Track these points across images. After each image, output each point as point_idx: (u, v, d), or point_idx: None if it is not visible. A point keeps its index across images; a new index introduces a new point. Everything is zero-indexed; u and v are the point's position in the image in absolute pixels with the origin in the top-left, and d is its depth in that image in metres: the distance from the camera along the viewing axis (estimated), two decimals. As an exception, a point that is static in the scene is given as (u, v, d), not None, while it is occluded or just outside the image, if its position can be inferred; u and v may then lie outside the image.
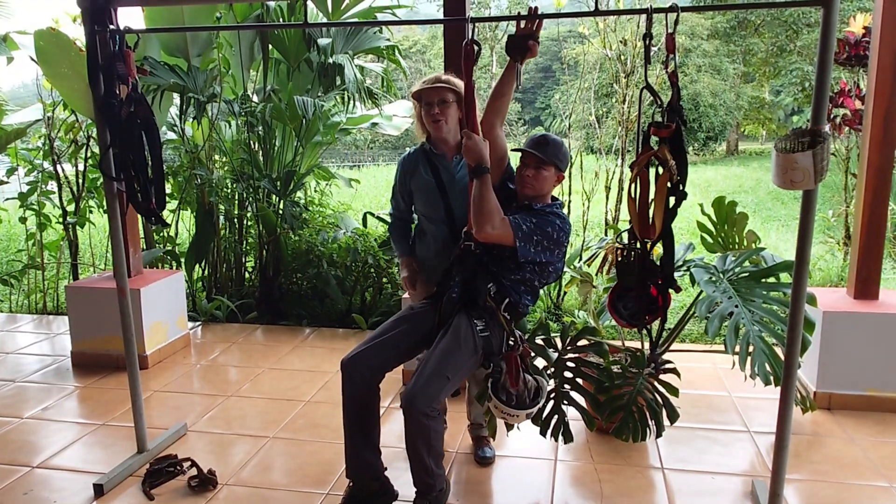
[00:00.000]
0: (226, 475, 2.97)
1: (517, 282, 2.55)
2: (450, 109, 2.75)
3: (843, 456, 3.06)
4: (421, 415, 2.31)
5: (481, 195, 2.37)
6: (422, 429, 2.35)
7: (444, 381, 2.36)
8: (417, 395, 2.31)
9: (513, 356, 2.44)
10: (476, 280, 2.54)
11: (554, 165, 2.55)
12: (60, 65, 4.52)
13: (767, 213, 11.31)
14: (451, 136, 2.81)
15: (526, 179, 2.55)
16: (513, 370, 2.43)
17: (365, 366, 2.51)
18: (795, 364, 2.35)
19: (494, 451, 3.09)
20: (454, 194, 2.79)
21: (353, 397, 2.54)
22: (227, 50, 5.15)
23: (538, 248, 2.47)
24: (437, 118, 2.73)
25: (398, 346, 2.57)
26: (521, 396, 2.46)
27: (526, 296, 2.59)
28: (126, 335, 3.01)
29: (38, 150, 5.67)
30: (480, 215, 2.38)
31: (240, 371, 4.24)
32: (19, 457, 3.18)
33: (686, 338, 4.65)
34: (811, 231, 2.26)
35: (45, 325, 5.30)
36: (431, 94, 2.74)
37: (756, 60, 22.25)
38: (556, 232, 2.51)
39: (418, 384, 2.34)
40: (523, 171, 2.57)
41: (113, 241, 2.95)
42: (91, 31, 2.68)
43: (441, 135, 2.78)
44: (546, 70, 30.13)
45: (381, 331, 2.61)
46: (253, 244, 5.62)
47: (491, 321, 2.51)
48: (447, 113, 2.74)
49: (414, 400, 2.31)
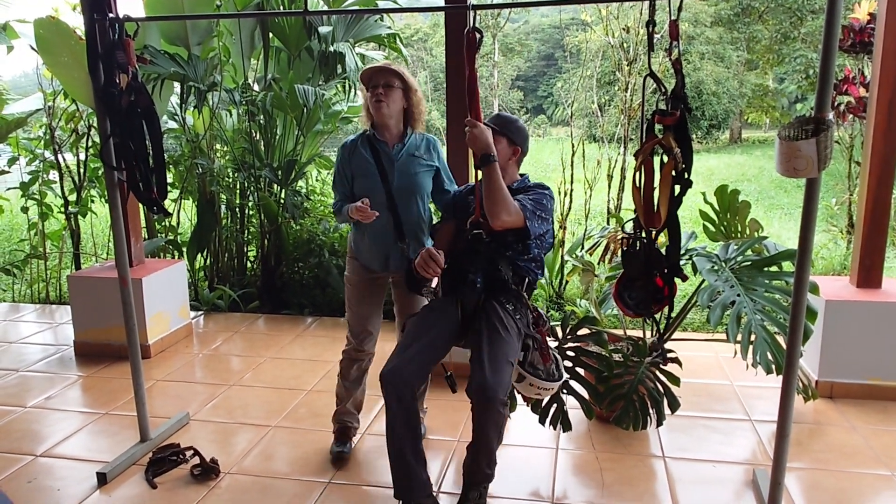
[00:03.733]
0: (228, 464, 2.98)
1: (529, 260, 2.62)
2: (394, 94, 2.75)
3: (845, 444, 3.06)
4: (500, 404, 2.32)
5: (494, 185, 2.38)
6: (498, 418, 2.36)
7: (509, 366, 2.41)
8: (493, 385, 2.30)
9: (543, 332, 2.55)
10: (497, 267, 2.57)
11: (507, 138, 2.60)
12: (60, 54, 4.50)
13: (771, 202, 11.28)
14: (394, 123, 2.82)
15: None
16: (544, 345, 2.52)
17: (411, 375, 2.41)
18: (797, 353, 2.34)
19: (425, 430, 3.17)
20: (395, 180, 2.80)
21: (400, 412, 2.41)
22: (227, 38, 5.12)
23: (540, 221, 2.55)
24: (380, 98, 2.72)
25: (435, 346, 2.53)
26: (549, 370, 2.54)
27: (538, 270, 2.68)
28: (128, 325, 3.01)
29: (39, 140, 5.66)
30: (496, 204, 2.39)
31: (242, 360, 4.25)
32: (23, 446, 3.19)
33: (688, 326, 4.65)
34: (814, 219, 2.24)
35: (48, 314, 5.31)
36: (378, 76, 2.74)
37: (760, 48, 22.09)
38: (549, 202, 2.61)
39: (490, 375, 2.32)
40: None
41: (114, 230, 2.95)
42: (90, 20, 2.67)
43: (383, 119, 2.77)
44: (548, 58, 30.00)
45: (412, 335, 2.52)
46: (254, 233, 5.61)
47: (517, 303, 2.58)
48: (390, 96, 2.74)
49: (493, 390, 2.31)
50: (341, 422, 3.07)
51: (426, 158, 2.86)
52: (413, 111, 2.85)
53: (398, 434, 2.43)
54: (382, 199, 2.79)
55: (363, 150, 2.84)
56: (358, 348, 2.98)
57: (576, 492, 2.75)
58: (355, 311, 2.97)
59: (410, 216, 2.84)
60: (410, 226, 2.84)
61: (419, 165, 2.85)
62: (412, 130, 2.89)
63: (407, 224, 2.82)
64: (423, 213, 2.89)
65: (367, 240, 2.87)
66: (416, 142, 2.88)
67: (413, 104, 2.83)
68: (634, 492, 2.73)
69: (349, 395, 3.05)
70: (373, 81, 2.76)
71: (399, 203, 2.80)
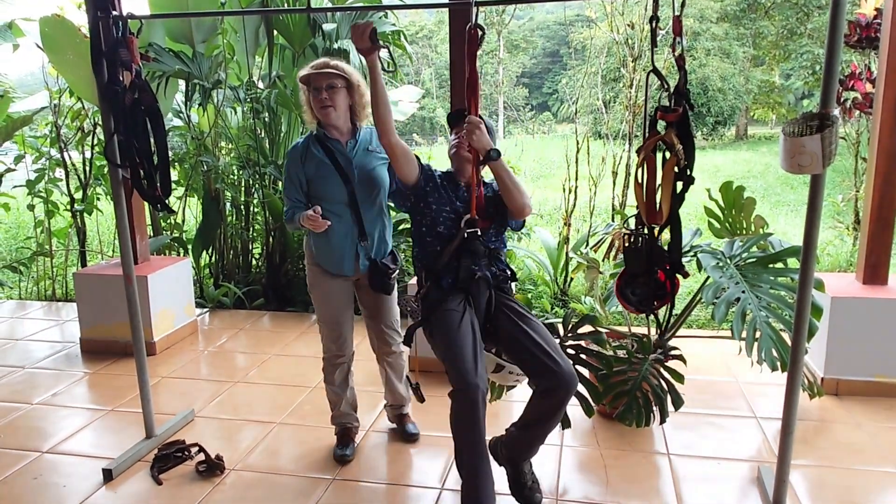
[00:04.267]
0: (233, 460, 2.99)
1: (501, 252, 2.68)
2: (338, 95, 2.70)
3: (851, 442, 3.05)
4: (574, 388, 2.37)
5: (511, 178, 2.45)
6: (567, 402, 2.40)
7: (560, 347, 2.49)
8: (570, 372, 2.34)
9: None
10: (494, 261, 2.60)
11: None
12: (66, 51, 4.52)
13: (777, 199, 11.24)
14: (342, 122, 2.77)
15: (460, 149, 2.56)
16: None
17: (483, 378, 2.30)
18: (802, 349, 2.33)
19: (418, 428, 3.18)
20: (355, 178, 2.76)
21: (480, 421, 2.27)
22: (231, 36, 5.12)
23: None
24: (326, 104, 2.68)
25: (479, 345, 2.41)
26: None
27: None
28: (133, 322, 3.02)
29: (45, 138, 5.68)
30: (522, 195, 2.47)
31: (247, 357, 4.26)
32: (29, 442, 3.21)
33: (693, 324, 4.64)
34: (819, 216, 2.23)
35: (55, 311, 5.34)
36: (320, 78, 2.68)
37: (766, 44, 21.97)
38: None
39: (563, 363, 2.34)
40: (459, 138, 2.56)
41: (119, 228, 2.96)
42: (94, 18, 2.67)
43: (330, 121, 2.73)
44: (553, 55, 29.93)
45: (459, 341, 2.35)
46: (259, 231, 5.62)
47: (511, 293, 2.64)
48: (336, 99, 2.69)
49: (572, 376, 2.33)
50: (341, 424, 3.06)
51: (379, 151, 2.80)
52: (357, 106, 2.79)
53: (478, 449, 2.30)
54: (344, 198, 2.74)
55: (315, 151, 2.76)
56: (337, 353, 2.95)
57: (580, 488, 2.75)
58: (326, 319, 2.91)
59: (372, 213, 2.80)
60: (372, 223, 2.81)
61: (375, 159, 2.81)
62: (360, 124, 2.84)
63: (368, 221, 2.79)
64: (384, 208, 2.86)
65: (329, 242, 2.80)
66: (366, 136, 2.84)
67: (357, 99, 2.77)
68: (639, 489, 2.73)
69: (341, 398, 3.03)
70: (314, 84, 2.70)
71: (361, 200, 2.76)
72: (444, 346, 2.38)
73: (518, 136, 24.56)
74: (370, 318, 2.99)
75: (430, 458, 3.00)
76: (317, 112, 2.73)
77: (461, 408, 2.27)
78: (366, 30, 2.30)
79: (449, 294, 2.50)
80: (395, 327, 3.01)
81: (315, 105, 2.72)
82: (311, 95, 2.72)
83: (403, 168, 2.50)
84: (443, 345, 2.39)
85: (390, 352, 3.03)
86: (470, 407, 2.24)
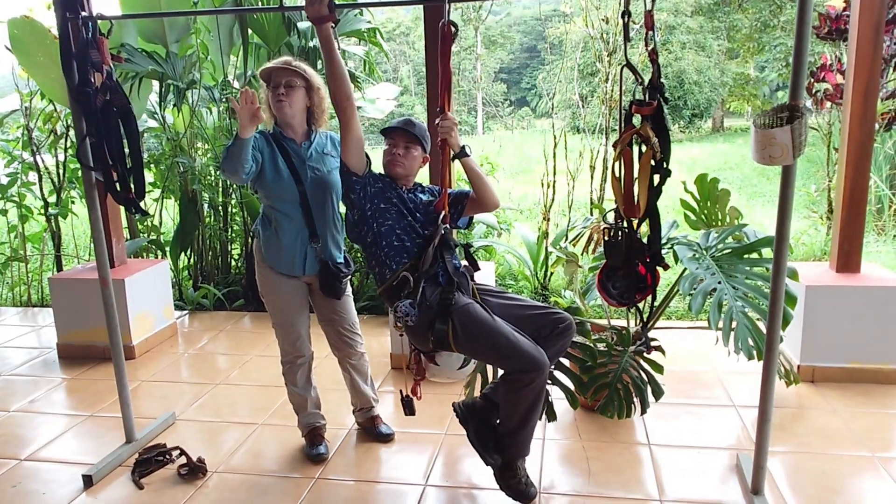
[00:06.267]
0: (216, 463, 2.97)
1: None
2: (296, 94, 2.69)
3: (827, 427, 3.11)
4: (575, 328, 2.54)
5: (480, 172, 2.55)
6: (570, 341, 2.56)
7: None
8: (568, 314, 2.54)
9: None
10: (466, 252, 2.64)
11: (421, 145, 2.60)
12: (36, 53, 4.45)
13: (753, 190, 11.36)
14: (297, 122, 2.77)
15: (396, 158, 2.57)
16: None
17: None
18: (777, 338, 2.37)
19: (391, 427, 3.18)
20: (307, 179, 2.75)
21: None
22: (205, 35, 5.07)
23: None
24: (281, 99, 2.67)
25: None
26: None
27: None
28: (110, 325, 2.99)
29: (16, 141, 5.60)
30: (489, 188, 2.59)
31: (228, 359, 4.24)
32: (7, 450, 3.17)
33: (672, 315, 4.69)
34: (790, 206, 2.27)
35: (31, 317, 5.26)
36: (280, 74, 2.68)
37: (740, 36, 22.21)
38: None
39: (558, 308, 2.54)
40: (393, 150, 2.57)
41: (93, 231, 2.93)
42: (63, 18, 2.64)
43: (285, 118, 2.73)
44: (531, 50, 30.02)
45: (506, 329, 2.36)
46: (238, 231, 5.58)
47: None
48: (292, 96, 2.69)
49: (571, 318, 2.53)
50: (309, 424, 3.04)
51: (334, 155, 2.81)
52: (315, 110, 2.78)
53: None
54: (295, 197, 2.73)
55: (271, 149, 2.74)
56: (296, 354, 2.94)
57: (563, 481, 2.77)
58: (281, 321, 2.89)
59: (324, 215, 2.79)
60: (324, 225, 2.80)
61: (330, 162, 2.81)
62: (316, 129, 2.84)
63: (320, 223, 2.78)
64: (336, 211, 2.85)
65: (279, 242, 2.78)
66: (322, 140, 2.84)
67: (315, 103, 2.77)
68: (620, 479, 2.75)
69: (305, 398, 3.01)
70: (273, 80, 2.69)
71: (312, 202, 2.75)
72: (494, 339, 2.33)
73: (497, 131, 24.62)
74: (327, 322, 2.96)
75: (413, 455, 3.00)
76: (273, 106, 2.71)
77: (541, 387, 2.37)
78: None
79: (447, 290, 2.42)
80: (354, 329, 3.00)
81: (271, 99, 2.70)
82: (270, 91, 2.71)
83: (353, 153, 2.48)
84: (491, 339, 2.34)
85: (353, 353, 3.02)
86: (543, 384, 2.39)
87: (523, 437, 2.46)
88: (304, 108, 2.75)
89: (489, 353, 2.42)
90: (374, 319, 4.82)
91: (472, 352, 2.47)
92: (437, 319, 2.38)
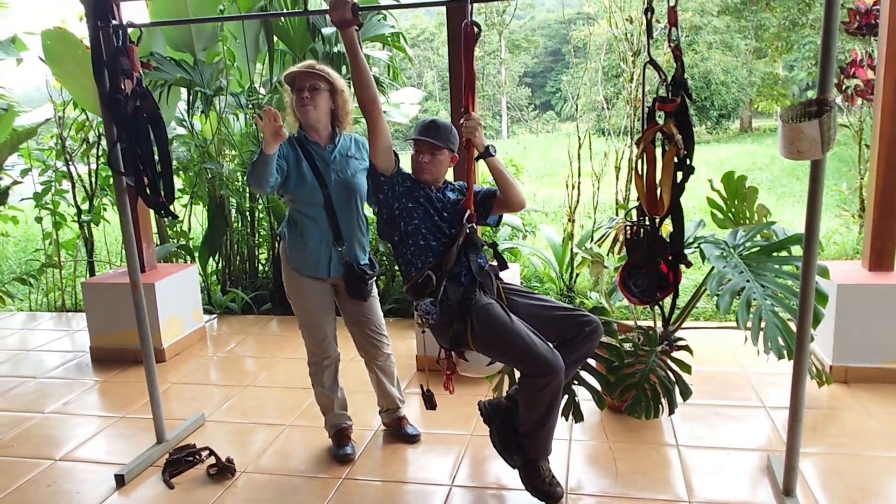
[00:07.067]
0: (244, 463, 3.01)
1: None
2: (320, 97, 2.70)
3: (860, 428, 3.04)
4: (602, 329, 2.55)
5: (506, 172, 2.55)
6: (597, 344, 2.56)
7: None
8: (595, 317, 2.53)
9: None
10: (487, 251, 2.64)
11: (447, 148, 2.59)
12: (68, 63, 4.56)
13: (783, 190, 11.20)
14: (322, 126, 2.77)
15: (423, 166, 2.57)
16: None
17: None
18: (807, 336, 2.33)
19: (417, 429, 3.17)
20: (332, 182, 2.75)
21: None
22: (231, 43, 5.16)
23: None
24: (306, 103, 2.68)
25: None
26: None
27: None
28: (141, 327, 3.04)
29: (50, 151, 5.74)
30: (516, 187, 2.59)
31: (256, 361, 4.28)
32: (42, 450, 3.24)
33: (700, 316, 4.63)
34: (820, 201, 2.23)
35: (65, 322, 5.38)
36: (303, 78, 2.70)
37: (768, 35, 21.89)
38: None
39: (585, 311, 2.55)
40: (420, 159, 2.57)
41: (124, 235, 2.99)
42: (94, 27, 2.70)
43: (310, 121, 2.74)
44: (555, 53, 29.94)
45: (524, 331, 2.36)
46: (265, 236, 5.65)
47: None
48: (317, 100, 2.70)
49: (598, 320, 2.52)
50: (336, 425, 3.06)
51: (359, 158, 2.83)
52: (339, 112, 2.79)
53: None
54: (319, 201, 2.75)
55: (296, 153, 2.76)
56: (322, 356, 2.96)
57: (590, 482, 2.75)
58: (307, 322, 2.91)
59: (349, 217, 2.80)
60: (348, 227, 2.80)
61: (354, 165, 2.81)
62: (341, 132, 2.85)
63: (345, 226, 2.79)
64: (360, 214, 2.86)
65: (304, 245, 2.81)
66: (346, 143, 2.85)
67: (339, 105, 2.78)
68: (648, 480, 2.72)
69: (332, 400, 3.03)
70: (297, 84, 2.71)
71: (337, 205, 2.76)
72: (510, 341, 2.33)
73: (522, 135, 24.56)
74: (353, 324, 2.98)
75: (439, 456, 3.00)
76: (297, 110, 2.73)
77: (557, 389, 2.35)
78: (346, 4, 2.31)
79: (469, 289, 2.43)
80: (381, 331, 3.01)
81: (296, 104, 2.73)
82: (294, 95, 2.73)
83: (380, 154, 2.48)
84: (506, 340, 2.34)
85: (379, 354, 3.03)
86: (560, 387, 2.36)
87: (542, 437, 2.46)
88: (328, 110, 2.77)
89: (505, 355, 2.43)
90: (400, 322, 4.83)
91: (489, 351, 2.47)
92: (456, 319, 2.39)
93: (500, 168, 2.53)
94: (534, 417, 2.41)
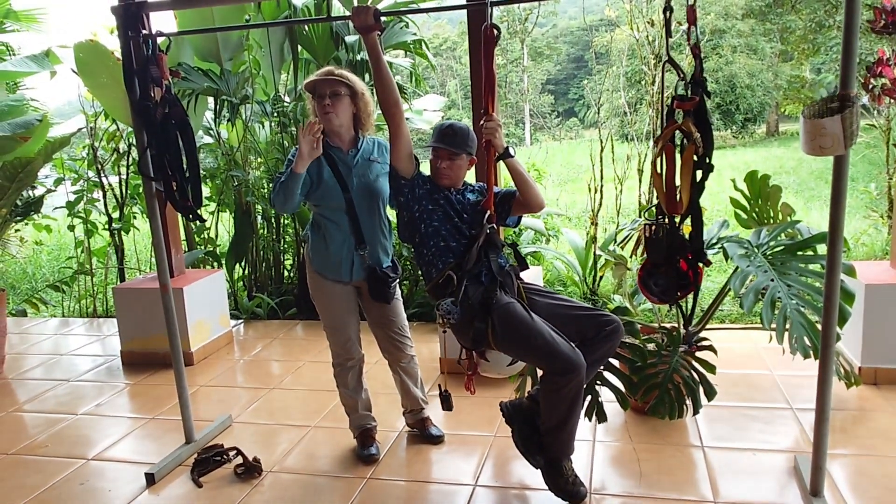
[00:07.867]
0: (270, 463, 3.05)
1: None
2: (341, 103, 2.73)
3: (890, 430, 2.99)
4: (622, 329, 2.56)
5: (526, 173, 2.56)
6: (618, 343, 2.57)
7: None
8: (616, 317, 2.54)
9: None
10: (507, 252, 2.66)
11: (465, 152, 2.61)
12: (100, 75, 4.67)
13: (811, 193, 11.03)
14: (345, 130, 2.80)
15: (442, 171, 2.60)
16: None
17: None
18: (833, 334, 2.31)
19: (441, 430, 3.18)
20: (353, 186, 2.78)
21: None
22: (257, 52, 5.25)
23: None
24: (328, 110, 2.71)
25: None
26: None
27: None
28: (170, 329, 3.11)
29: (82, 161, 5.88)
30: (535, 188, 2.60)
31: (281, 365, 4.34)
32: (75, 450, 3.32)
33: (726, 318, 4.59)
34: (844, 197, 2.21)
35: (96, 327, 5.50)
36: (324, 85, 2.72)
37: (794, 38, 21.58)
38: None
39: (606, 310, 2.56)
40: (438, 165, 2.59)
41: (154, 239, 3.06)
42: (125, 37, 2.78)
43: (332, 127, 2.76)
44: (578, 60, 29.87)
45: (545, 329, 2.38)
46: (290, 242, 5.73)
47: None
48: (338, 106, 2.72)
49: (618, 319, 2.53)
50: (360, 426, 3.09)
51: (381, 161, 2.85)
52: (361, 115, 2.82)
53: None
54: (342, 205, 2.77)
55: (317, 158, 2.75)
56: (346, 357, 2.99)
57: (614, 482, 2.74)
58: (331, 324, 2.95)
59: (371, 221, 2.82)
60: (371, 231, 2.83)
61: (376, 169, 2.84)
62: (363, 135, 2.88)
63: (367, 229, 2.81)
64: (383, 217, 2.88)
65: (327, 248, 2.84)
66: (368, 146, 2.87)
67: (361, 108, 2.80)
68: (673, 481, 2.71)
69: (356, 401, 3.06)
70: (318, 91, 2.74)
71: (359, 209, 2.79)
72: (531, 339, 2.35)
73: (545, 142, 24.52)
74: (377, 326, 3.00)
75: (462, 456, 3.02)
76: (319, 118, 2.76)
77: (578, 388, 2.36)
78: (368, 10, 2.36)
79: (490, 288, 2.45)
80: (404, 332, 3.04)
81: (318, 111, 2.76)
82: (316, 102, 2.77)
83: (402, 158, 2.52)
84: (528, 338, 2.36)
85: (403, 356, 3.05)
86: (581, 385, 2.37)
87: (564, 436, 2.46)
88: (350, 115, 2.80)
89: (526, 353, 2.44)
90: (424, 326, 4.86)
91: (510, 350, 2.48)
92: (477, 318, 2.41)
93: (520, 169, 2.55)
94: (556, 416, 2.41)
